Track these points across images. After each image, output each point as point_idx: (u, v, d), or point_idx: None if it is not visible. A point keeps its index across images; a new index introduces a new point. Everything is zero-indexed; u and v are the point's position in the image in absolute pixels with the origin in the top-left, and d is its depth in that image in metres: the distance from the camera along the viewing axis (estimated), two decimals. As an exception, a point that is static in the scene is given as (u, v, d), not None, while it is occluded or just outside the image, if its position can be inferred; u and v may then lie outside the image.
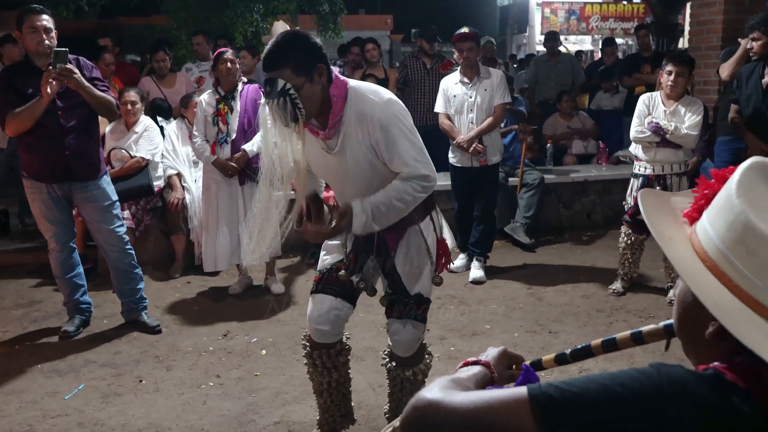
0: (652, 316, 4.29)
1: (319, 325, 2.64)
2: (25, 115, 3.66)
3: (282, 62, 2.21)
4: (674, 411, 0.89)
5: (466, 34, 5.04)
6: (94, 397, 3.36)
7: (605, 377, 0.95)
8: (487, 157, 5.04)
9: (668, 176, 4.49)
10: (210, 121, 4.59)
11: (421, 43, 6.86)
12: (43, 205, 3.91)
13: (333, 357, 2.73)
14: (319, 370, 2.73)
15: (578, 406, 0.92)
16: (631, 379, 0.93)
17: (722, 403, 0.89)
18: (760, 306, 0.92)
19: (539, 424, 0.92)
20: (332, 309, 2.62)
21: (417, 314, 2.58)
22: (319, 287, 2.65)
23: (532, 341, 3.96)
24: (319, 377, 2.75)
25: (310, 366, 2.76)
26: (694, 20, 6.78)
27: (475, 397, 1.01)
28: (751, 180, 0.97)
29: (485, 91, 5.00)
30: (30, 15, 3.68)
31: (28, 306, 4.65)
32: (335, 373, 2.75)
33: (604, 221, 6.55)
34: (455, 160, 5.17)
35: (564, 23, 14.38)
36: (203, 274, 5.26)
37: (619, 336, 1.31)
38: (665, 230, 1.06)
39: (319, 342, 2.69)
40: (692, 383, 0.91)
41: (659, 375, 0.92)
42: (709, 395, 0.90)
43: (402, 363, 2.69)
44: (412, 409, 1.05)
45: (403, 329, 2.59)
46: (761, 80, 4.44)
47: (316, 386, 2.81)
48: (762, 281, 0.91)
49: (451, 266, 5.22)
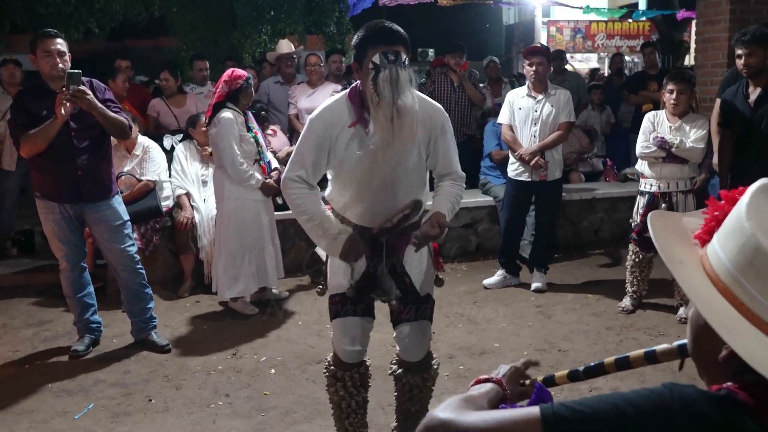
0: (662, 334, 4.27)
1: (352, 347, 2.68)
2: (40, 136, 3.71)
3: (401, 39, 2.39)
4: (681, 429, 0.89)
5: (536, 48, 5.12)
6: (103, 416, 3.37)
7: (616, 397, 0.95)
8: (548, 172, 5.06)
9: (674, 194, 4.49)
10: (251, 141, 4.54)
11: (448, 59, 6.89)
12: (56, 225, 3.94)
13: (363, 375, 2.79)
14: (350, 391, 2.75)
15: (589, 426, 0.92)
16: (643, 399, 0.93)
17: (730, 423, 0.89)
18: None
19: None
20: (362, 329, 2.70)
21: (427, 314, 2.72)
22: (342, 310, 2.67)
23: (541, 359, 3.88)
24: (348, 399, 2.76)
25: (340, 390, 2.76)
26: (699, 37, 6.79)
27: (487, 416, 1.02)
28: (760, 201, 0.97)
29: (551, 107, 5.03)
30: (44, 39, 3.74)
31: (38, 325, 4.67)
32: (363, 391, 2.81)
33: (611, 238, 6.54)
34: (515, 173, 5.17)
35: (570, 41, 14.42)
36: (212, 294, 5.26)
37: (633, 354, 1.32)
38: (676, 253, 1.06)
39: (350, 363, 2.72)
40: (703, 404, 0.92)
41: (671, 395, 0.93)
42: (718, 416, 0.90)
43: (412, 369, 2.76)
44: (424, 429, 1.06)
45: (415, 331, 2.69)
46: (747, 100, 4.42)
47: (343, 410, 2.79)
48: None
49: (485, 282, 5.28)
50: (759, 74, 4.31)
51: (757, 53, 4.25)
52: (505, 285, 5.33)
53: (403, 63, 2.36)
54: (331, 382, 2.78)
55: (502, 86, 7.90)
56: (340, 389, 2.75)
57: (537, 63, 4.99)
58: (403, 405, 2.84)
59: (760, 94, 4.34)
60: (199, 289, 5.34)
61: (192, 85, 6.80)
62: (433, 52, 15.36)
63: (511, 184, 5.26)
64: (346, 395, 2.76)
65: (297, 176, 2.53)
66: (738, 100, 4.43)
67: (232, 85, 4.48)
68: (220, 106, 4.48)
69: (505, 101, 5.25)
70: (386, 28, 2.40)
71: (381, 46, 2.35)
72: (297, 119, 6.32)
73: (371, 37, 2.38)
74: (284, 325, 4.59)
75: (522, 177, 5.12)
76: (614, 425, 0.91)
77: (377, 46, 2.35)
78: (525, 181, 5.12)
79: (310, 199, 2.55)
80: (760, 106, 4.33)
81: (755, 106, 4.35)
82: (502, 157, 5.81)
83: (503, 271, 5.38)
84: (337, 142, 2.49)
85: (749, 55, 4.25)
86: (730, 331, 0.92)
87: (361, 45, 2.41)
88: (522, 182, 5.14)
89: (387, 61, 2.33)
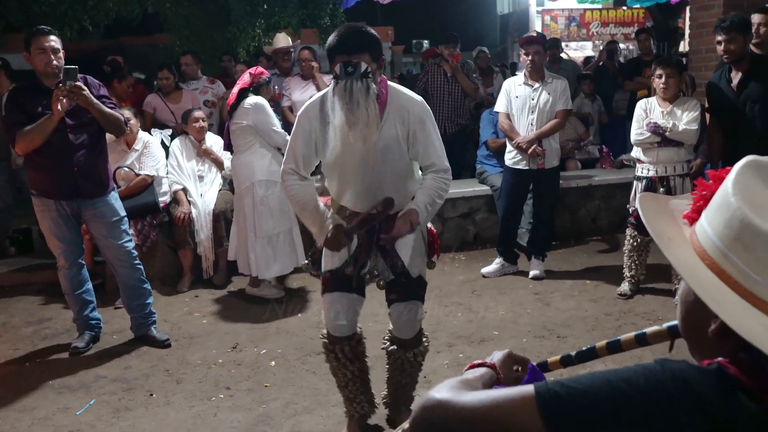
0: (660, 318, 4.29)
1: (338, 321, 2.83)
2: (36, 132, 3.71)
3: (364, 47, 2.46)
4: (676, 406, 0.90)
5: (533, 37, 5.13)
6: (105, 412, 3.38)
7: (609, 374, 0.96)
8: (545, 161, 5.07)
9: (671, 177, 4.51)
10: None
11: (441, 49, 6.86)
12: (52, 223, 3.94)
13: (354, 348, 2.92)
14: (342, 363, 2.91)
15: (583, 402, 0.93)
16: (635, 375, 0.94)
17: (723, 399, 0.90)
18: (759, 300, 0.93)
19: (545, 421, 0.94)
20: (348, 304, 2.83)
21: (419, 294, 2.84)
22: (331, 286, 2.83)
23: (540, 346, 3.96)
24: (343, 370, 2.92)
25: (333, 361, 2.93)
26: (693, 23, 6.79)
27: (482, 396, 1.03)
28: (746, 178, 0.98)
29: (548, 95, 5.04)
30: (38, 36, 3.74)
31: (37, 324, 4.68)
32: (357, 362, 2.95)
33: (609, 226, 6.55)
34: (513, 162, 5.18)
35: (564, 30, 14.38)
36: (211, 288, 5.28)
37: (624, 337, 1.34)
38: (665, 231, 1.07)
39: (338, 336, 2.87)
40: (695, 379, 0.93)
41: (663, 371, 0.94)
42: (711, 390, 0.91)
43: (403, 345, 2.91)
44: (421, 409, 1.07)
45: (407, 310, 2.82)
46: (730, 84, 4.45)
47: (341, 379, 2.97)
48: (760, 276, 0.92)
49: (484, 271, 5.31)
50: (740, 60, 4.37)
51: (737, 39, 4.30)
52: (503, 273, 5.34)
53: (362, 73, 2.42)
54: (326, 353, 2.96)
55: (493, 76, 7.90)
56: (333, 360, 2.93)
57: (533, 52, 4.99)
58: (395, 378, 3.01)
59: (741, 78, 4.39)
60: (198, 283, 5.35)
61: (188, 81, 6.79)
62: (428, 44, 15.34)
63: (508, 173, 5.26)
64: (340, 366, 2.92)
65: (290, 168, 2.71)
66: (722, 85, 4.50)
67: (256, 78, 4.75)
68: (245, 94, 4.70)
69: (502, 89, 5.25)
70: (349, 37, 2.46)
71: (341, 56, 2.44)
72: (290, 111, 6.31)
73: (335, 46, 2.47)
74: (284, 317, 4.60)
75: (519, 165, 5.12)
76: (609, 400, 0.92)
77: (340, 55, 2.45)
78: (522, 169, 5.12)
79: (304, 190, 2.72)
80: (742, 90, 4.39)
81: (738, 90, 4.40)
82: (498, 145, 5.81)
83: (501, 260, 5.39)
84: (323, 136, 2.62)
85: (729, 41, 4.31)
86: (718, 303, 0.93)
87: (328, 52, 2.51)
88: (519, 171, 5.14)
89: (345, 73, 2.42)
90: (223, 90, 6.64)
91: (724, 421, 0.89)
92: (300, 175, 2.71)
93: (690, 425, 0.89)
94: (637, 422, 0.90)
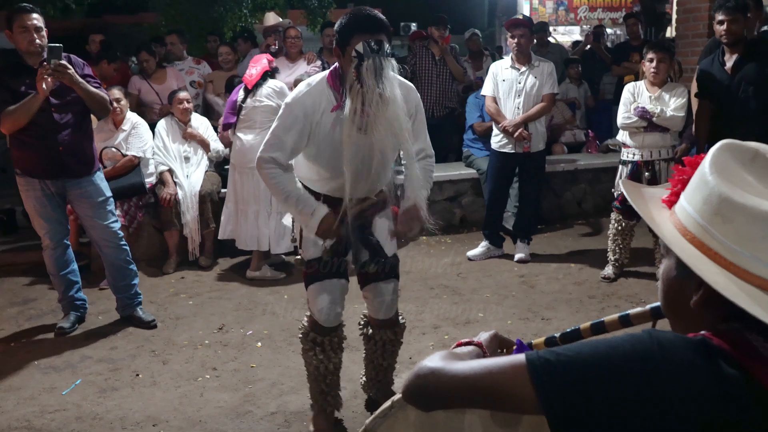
0: (643, 301, 4.34)
1: (335, 309, 2.77)
2: (21, 111, 3.67)
3: (384, 27, 2.44)
4: (664, 373, 0.93)
5: (518, 20, 5.11)
6: (91, 392, 3.38)
7: (598, 342, 0.99)
8: (531, 144, 5.08)
9: (656, 162, 4.55)
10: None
11: (431, 31, 6.83)
12: (37, 202, 3.92)
13: (340, 337, 2.88)
14: (329, 355, 2.84)
15: (573, 368, 0.96)
16: (623, 342, 0.97)
17: (708, 366, 0.93)
18: (740, 270, 0.96)
19: (536, 387, 0.96)
20: (340, 291, 2.79)
21: (396, 272, 2.86)
22: (322, 274, 2.75)
23: (525, 328, 4.00)
24: (326, 362, 2.84)
25: (319, 354, 2.82)
26: (680, 8, 6.81)
27: (474, 364, 1.06)
28: (722, 159, 1.03)
29: (535, 78, 5.04)
30: (20, 14, 3.69)
31: (22, 304, 4.66)
32: (340, 353, 2.90)
33: (594, 210, 6.60)
34: (499, 145, 5.19)
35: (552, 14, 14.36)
36: (197, 269, 5.28)
37: (608, 319, 1.39)
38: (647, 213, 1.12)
39: (329, 327, 2.80)
40: (681, 347, 0.96)
41: (650, 339, 0.97)
42: (696, 358, 0.94)
43: (383, 325, 2.90)
44: (414, 377, 1.10)
45: (389, 288, 2.83)
46: (723, 67, 4.45)
47: (320, 373, 2.87)
48: (740, 247, 0.96)
49: (469, 254, 5.33)
50: (738, 42, 4.35)
51: (739, 20, 4.28)
52: (488, 256, 5.38)
53: (386, 52, 2.40)
54: (309, 347, 2.84)
55: (483, 59, 7.88)
56: (319, 353, 2.82)
57: (519, 35, 4.99)
58: (375, 360, 2.99)
59: (736, 60, 4.37)
60: (184, 265, 5.35)
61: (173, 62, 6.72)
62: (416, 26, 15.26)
63: (494, 156, 5.28)
64: (325, 359, 2.83)
65: (271, 157, 2.55)
66: (715, 69, 4.47)
67: (271, 63, 5.01)
68: (267, 75, 4.92)
69: (489, 73, 5.25)
70: (371, 17, 2.44)
71: (364, 34, 2.38)
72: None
73: (355, 25, 2.41)
74: (270, 299, 4.62)
75: (506, 149, 5.14)
76: (598, 367, 0.95)
77: (361, 34, 2.39)
78: (509, 153, 5.14)
79: (286, 178, 2.59)
80: (737, 71, 4.37)
81: (732, 73, 4.39)
82: (484, 128, 5.82)
83: (487, 243, 5.42)
84: (318, 127, 2.55)
85: (732, 21, 4.27)
86: (700, 269, 0.97)
87: (345, 32, 2.43)
88: (506, 154, 5.16)
89: (370, 50, 2.36)
90: (209, 70, 6.59)
91: (707, 385, 0.92)
92: (282, 165, 2.58)
93: (676, 391, 0.92)
94: (626, 388, 0.93)
